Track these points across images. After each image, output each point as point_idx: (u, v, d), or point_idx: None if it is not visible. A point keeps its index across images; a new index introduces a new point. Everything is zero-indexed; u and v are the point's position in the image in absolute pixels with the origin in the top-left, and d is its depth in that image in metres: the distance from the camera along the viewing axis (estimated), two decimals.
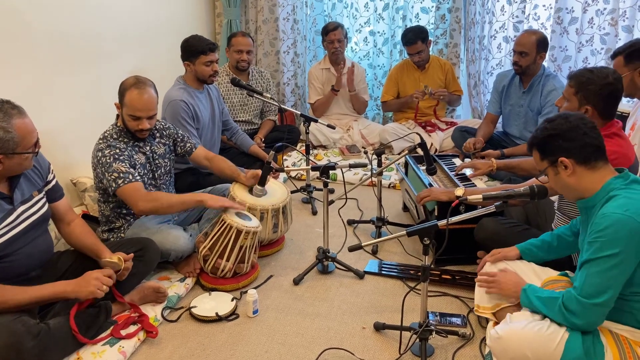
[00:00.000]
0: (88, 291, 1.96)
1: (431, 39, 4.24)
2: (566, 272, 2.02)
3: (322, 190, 2.60)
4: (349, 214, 3.28)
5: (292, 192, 3.35)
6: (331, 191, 3.61)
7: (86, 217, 2.88)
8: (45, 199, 2.12)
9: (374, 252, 2.87)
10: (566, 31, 3.91)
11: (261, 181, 2.66)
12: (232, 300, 2.40)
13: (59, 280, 2.04)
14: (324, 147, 4.39)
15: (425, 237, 1.93)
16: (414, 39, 3.99)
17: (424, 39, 4.03)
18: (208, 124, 3.29)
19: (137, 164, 2.53)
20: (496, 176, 3.37)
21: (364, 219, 3.24)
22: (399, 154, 4.06)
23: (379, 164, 2.90)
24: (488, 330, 2.03)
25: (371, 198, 3.27)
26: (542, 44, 3.38)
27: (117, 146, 2.46)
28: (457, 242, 2.43)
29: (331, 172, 2.64)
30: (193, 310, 2.33)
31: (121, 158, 2.42)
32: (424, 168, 2.77)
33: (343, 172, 2.75)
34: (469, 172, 2.91)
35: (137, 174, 2.50)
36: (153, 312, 2.30)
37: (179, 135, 2.76)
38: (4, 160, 1.86)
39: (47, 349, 1.85)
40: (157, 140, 2.67)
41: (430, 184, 2.77)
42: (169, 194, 2.58)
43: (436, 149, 4.08)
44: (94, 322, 2.07)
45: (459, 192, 2.08)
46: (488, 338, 1.93)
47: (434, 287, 2.50)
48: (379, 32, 4.64)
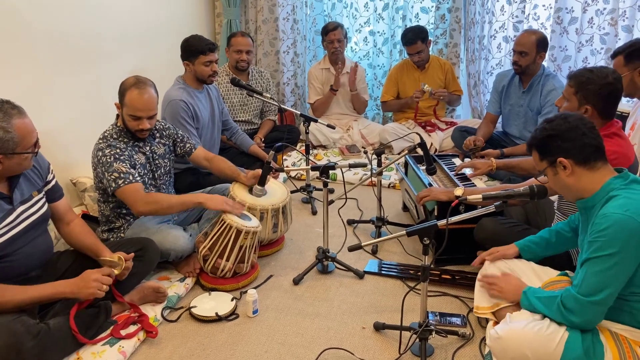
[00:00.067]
0: (88, 292, 1.96)
1: (431, 38, 4.24)
2: (566, 272, 2.02)
3: (321, 190, 2.60)
4: (349, 213, 3.28)
5: (292, 192, 3.35)
6: (331, 191, 3.61)
7: (86, 217, 2.88)
8: (44, 199, 2.12)
9: (373, 252, 2.87)
10: (566, 31, 3.91)
11: (261, 181, 2.66)
12: (232, 300, 2.40)
13: (59, 280, 2.03)
14: (323, 147, 4.39)
15: (425, 237, 1.93)
16: (414, 38, 3.99)
17: (424, 38, 4.02)
18: (208, 124, 3.28)
19: (137, 163, 2.53)
20: (496, 176, 3.37)
21: (363, 218, 3.24)
22: (398, 153, 4.06)
23: (379, 164, 2.90)
24: (488, 330, 2.03)
25: (371, 198, 3.27)
26: (541, 43, 3.38)
27: (117, 146, 2.46)
28: (456, 242, 2.43)
29: (331, 172, 2.64)
30: (193, 310, 2.33)
31: (121, 158, 2.42)
32: (424, 168, 2.77)
33: (343, 172, 2.76)
34: (469, 171, 2.91)
35: (137, 174, 2.50)
36: (153, 312, 2.30)
37: (179, 136, 2.76)
38: (4, 160, 1.86)
39: (46, 349, 1.85)
40: (157, 140, 2.67)
41: (430, 184, 2.77)
42: (168, 195, 2.58)
43: (436, 149, 4.08)
44: (93, 322, 2.07)
45: (458, 192, 2.08)
46: (488, 338, 1.93)
47: (434, 287, 2.50)
48: (378, 32, 4.64)
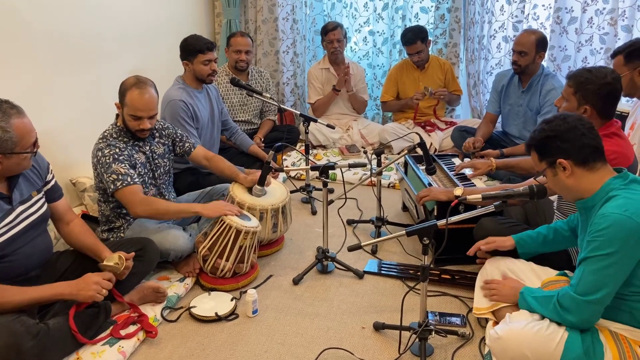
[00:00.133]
0: (87, 295, 1.96)
1: (430, 38, 4.24)
2: (565, 272, 2.02)
3: (321, 190, 2.59)
4: (349, 213, 3.28)
5: (292, 192, 3.35)
6: (331, 191, 3.61)
7: (85, 217, 2.88)
8: (44, 199, 2.12)
9: (373, 252, 2.87)
10: (565, 31, 3.91)
11: (260, 181, 2.66)
12: (232, 300, 2.40)
13: (59, 280, 2.04)
14: (323, 147, 4.39)
15: (425, 237, 1.93)
16: (414, 38, 3.99)
17: (424, 39, 4.02)
18: (207, 124, 3.28)
19: (138, 163, 2.53)
20: (495, 176, 3.37)
21: (363, 218, 3.23)
22: (398, 153, 4.06)
23: (379, 164, 2.90)
24: (487, 330, 2.04)
25: (371, 198, 3.27)
26: (541, 43, 3.38)
27: (117, 146, 2.46)
28: (456, 242, 2.43)
29: (330, 171, 2.64)
30: (192, 310, 2.33)
31: (120, 158, 2.42)
32: (424, 168, 2.77)
33: (342, 172, 2.76)
34: (469, 171, 2.91)
35: (137, 174, 2.50)
36: (152, 312, 2.29)
37: (178, 135, 2.76)
38: (3, 160, 1.86)
39: (46, 349, 1.85)
40: (157, 140, 2.67)
41: (430, 184, 2.77)
42: (166, 202, 2.57)
43: (435, 149, 4.08)
44: (93, 322, 2.07)
45: (458, 191, 2.08)
46: (487, 338, 1.93)
47: (434, 286, 2.50)
48: (378, 31, 4.64)
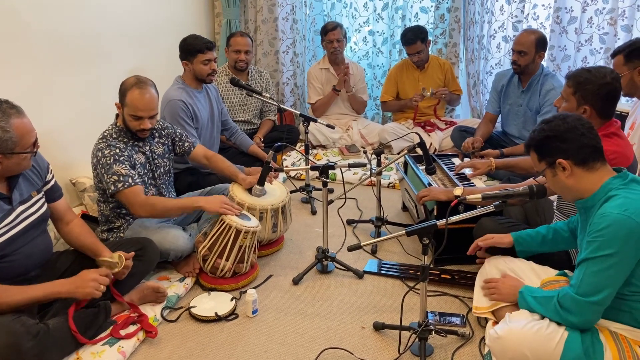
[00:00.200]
0: (85, 292, 1.95)
1: (430, 38, 4.24)
2: (565, 271, 2.02)
3: (321, 190, 2.59)
4: (348, 213, 3.28)
5: (292, 191, 3.35)
6: (330, 191, 3.61)
7: (85, 217, 2.88)
8: (44, 199, 2.12)
9: (373, 252, 2.87)
10: (565, 31, 3.91)
11: (260, 181, 2.66)
12: (232, 300, 2.40)
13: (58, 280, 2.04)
14: (323, 146, 4.39)
15: (425, 237, 1.93)
16: (414, 39, 3.99)
17: (424, 39, 4.02)
18: (207, 124, 3.28)
19: (137, 163, 2.53)
20: (495, 175, 3.37)
21: (363, 218, 3.23)
22: (398, 153, 4.06)
23: (378, 164, 2.90)
24: (487, 330, 2.04)
25: (370, 198, 3.27)
26: (541, 43, 3.38)
27: (117, 146, 2.45)
28: (456, 242, 2.43)
29: (330, 171, 2.64)
30: (192, 310, 2.33)
31: (121, 159, 2.42)
32: (423, 168, 2.77)
33: (342, 172, 2.76)
34: (468, 171, 2.91)
35: (137, 174, 2.50)
36: (152, 312, 2.29)
37: (178, 135, 2.76)
38: (2, 160, 1.86)
39: (46, 349, 1.85)
40: (156, 140, 2.67)
41: (430, 184, 2.77)
42: (166, 199, 2.57)
43: (435, 149, 4.08)
44: (93, 322, 2.07)
45: (457, 191, 2.08)
46: (487, 338, 1.93)
47: (433, 286, 2.50)
48: (378, 31, 4.64)
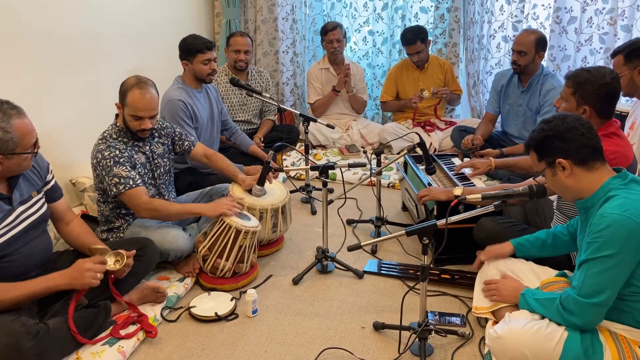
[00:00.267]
0: (83, 282, 1.94)
1: (430, 38, 4.24)
2: (565, 272, 2.02)
3: (321, 189, 2.59)
4: (348, 213, 3.28)
5: (291, 191, 3.35)
6: (330, 191, 3.61)
7: (85, 217, 2.88)
8: (44, 199, 2.12)
9: (373, 252, 2.87)
10: (565, 30, 3.91)
11: (260, 181, 2.66)
12: (232, 300, 2.40)
13: None
14: (323, 146, 4.39)
15: (424, 237, 1.93)
16: (414, 39, 3.99)
17: (423, 39, 4.02)
18: (207, 124, 3.28)
19: (138, 163, 2.53)
20: (495, 175, 3.38)
21: (363, 218, 3.23)
22: (398, 153, 4.06)
23: (378, 164, 2.90)
24: (487, 330, 2.04)
25: (370, 198, 3.27)
26: (540, 43, 3.38)
27: (117, 147, 2.45)
28: (456, 242, 2.43)
29: (330, 171, 2.64)
30: (192, 310, 2.33)
31: (121, 161, 2.42)
32: (423, 168, 2.77)
33: (342, 172, 2.76)
34: (468, 171, 2.91)
35: (138, 174, 2.50)
36: (152, 312, 2.29)
37: (177, 134, 2.76)
38: (3, 160, 1.86)
39: (46, 349, 1.85)
40: (156, 140, 2.66)
41: (430, 184, 2.77)
42: (169, 203, 2.56)
43: (435, 149, 4.08)
44: (93, 322, 2.07)
45: (457, 191, 2.08)
46: (487, 337, 1.93)
47: (433, 286, 2.50)
48: (378, 31, 4.65)
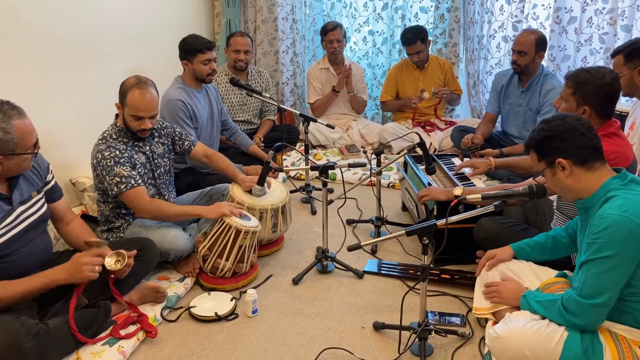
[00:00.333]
0: (82, 277, 1.93)
1: (430, 38, 4.24)
2: (565, 272, 2.02)
3: (321, 189, 2.59)
4: (348, 213, 3.28)
5: (291, 191, 3.35)
6: (330, 191, 3.61)
7: (85, 217, 2.88)
8: (44, 200, 2.12)
9: (373, 252, 2.87)
10: (565, 30, 3.91)
11: (260, 181, 2.67)
12: (232, 300, 2.40)
13: None
14: (323, 146, 4.39)
15: (424, 237, 1.93)
16: (414, 39, 3.99)
17: (424, 39, 4.02)
18: (207, 124, 3.28)
19: (138, 163, 2.53)
20: (495, 175, 3.38)
21: (363, 218, 3.23)
22: (398, 153, 4.06)
23: (378, 164, 2.90)
24: (487, 330, 2.04)
25: (370, 198, 3.27)
26: (540, 43, 3.38)
27: (117, 147, 2.45)
28: (456, 242, 2.43)
29: (330, 171, 2.64)
30: (192, 310, 2.33)
31: (122, 161, 2.42)
32: (423, 168, 2.77)
33: (342, 172, 2.76)
34: (468, 171, 2.91)
35: (138, 174, 2.49)
36: (152, 312, 2.30)
37: (177, 134, 2.76)
38: (3, 161, 1.86)
39: (46, 349, 1.85)
40: (156, 139, 2.66)
41: (429, 184, 2.77)
42: (169, 204, 2.56)
43: (435, 149, 4.08)
44: (93, 321, 2.07)
45: (457, 191, 2.08)
46: (487, 337, 1.93)
47: (433, 286, 2.50)
48: (378, 31, 4.65)
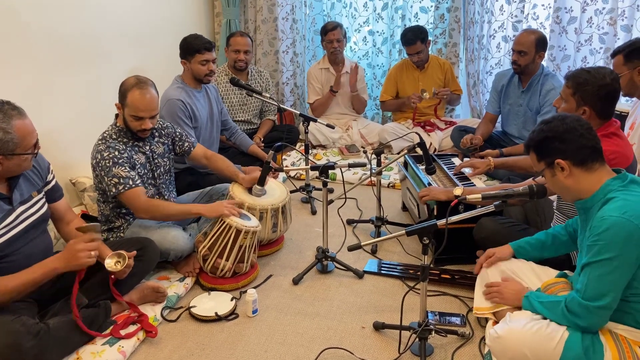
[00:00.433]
0: (79, 264, 1.92)
1: (430, 38, 4.24)
2: (565, 272, 2.02)
3: (321, 189, 2.59)
4: (348, 213, 3.28)
5: (292, 191, 3.35)
6: (330, 191, 3.61)
7: (85, 216, 2.89)
8: (44, 200, 2.12)
9: (373, 252, 2.87)
10: (565, 30, 3.91)
11: (260, 181, 2.67)
12: (232, 300, 2.40)
13: (59, 280, 2.03)
14: (323, 146, 4.39)
15: (425, 237, 1.93)
16: (414, 39, 3.99)
17: (424, 39, 4.02)
18: (206, 124, 3.28)
19: (137, 163, 2.53)
20: (495, 175, 3.38)
21: (363, 218, 3.23)
22: (398, 153, 4.06)
23: (378, 164, 2.90)
24: (487, 330, 2.04)
25: (370, 198, 3.27)
26: (541, 43, 3.38)
27: (117, 147, 2.45)
28: (456, 242, 2.43)
29: (330, 171, 2.64)
30: (192, 310, 2.33)
31: (120, 162, 2.42)
32: (423, 167, 2.77)
33: (342, 172, 2.76)
34: (468, 171, 2.91)
35: (137, 174, 2.49)
36: (152, 311, 2.30)
37: (178, 134, 2.75)
38: (3, 161, 1.86)
39: (46, 348, 1.85)
40: (157, 139, 2.66)
41: (430, 184, 2.77)
42: (168, 203, 2.55)
43: (435, 149, 4.08)
44: (93, 321, 2.07)
45: (457, 191, 2.08)
46: (487, 337, 1.93)
47: (434, 286, 2.50)
48: (378, 31, 4.65)
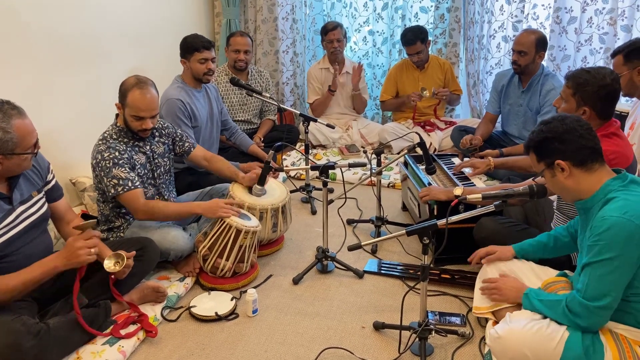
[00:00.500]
0: (79, 261, 1.92)
1: (430, 38, 4.24)
2: (565, 271, 2.02)
3: (321, 189, 2.59)
4: (349, 213, 3.28)
5: (292, 191, 3.35)
6: (330, 191, 3.61)
7: (85, 216, 2.89)
8: (44, 199, 2.12)
9: (373, 252, 2.87)
10: (565, 30, 3.92)
11: (260, 181, 2.67)
12: (232, 299, 2.40)
13: (59, 280, 2.04)
14: (323, 146, 4.39)
15: (425, 237, 1.93)
16: (414, 39, 3.99)
17: (424, 39, 4.02)
18: (206, 123, 3.28)
19: (137, 164, 2.53)
20: (495, 175, 3.38)
21: (363, 218, 3.23)
22: (398, 153, 4.07)
23: (378, 164, 2.90)
24: (487, 330, 2.04)
25: (370, 197, 3.27)
26: (541, 43, 3.38)
27: (117, 148, 2.45)
28: (456, 242, 2.43)
29: (330, 171, 2.64)
30: (192, 309, 2.33)
31: (120, 162, 2.42)
32: (423, 167, 2.77)
33: (342, 172, 2.76)
34: (468, 171, 2.91)
35: (137, 175, 2.49)
36: (152, 311, 2.30)
37: (178, 135, 2.76)
38: (3, 160, 1.86)
39: (46, 348, 1.85)
40: (157, 139, 2.66)
41: (430, 184, 2.77)
42: (166, 204, 2.54)
43: (435, 149, 4.08)
44: (93, 321, 2.07)
45: (457, 191, 2.08)
46: (487, 337, 1.93)
47: (434, 286, 2.50)
48: (378, 31, 4.65)
